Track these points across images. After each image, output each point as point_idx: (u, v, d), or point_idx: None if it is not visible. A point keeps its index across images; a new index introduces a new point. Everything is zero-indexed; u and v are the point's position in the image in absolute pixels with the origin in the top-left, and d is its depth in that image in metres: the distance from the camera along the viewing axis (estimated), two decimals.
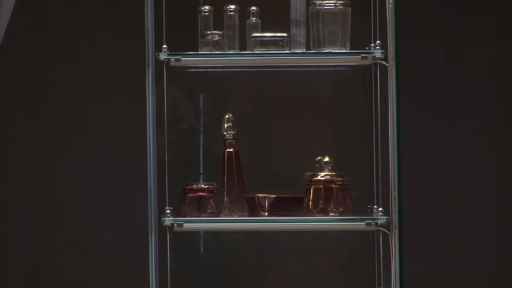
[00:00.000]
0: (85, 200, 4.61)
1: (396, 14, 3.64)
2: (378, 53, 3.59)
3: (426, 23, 4.50)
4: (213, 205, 3.68)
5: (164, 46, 3.62)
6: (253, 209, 3.73)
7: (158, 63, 3.59)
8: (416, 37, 4.37)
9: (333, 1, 3.74)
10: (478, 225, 4.59)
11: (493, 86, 4.60)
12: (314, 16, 3.69)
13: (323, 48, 3.68)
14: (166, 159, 3.72)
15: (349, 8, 3.71)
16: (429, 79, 4.55)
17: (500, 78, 4.48)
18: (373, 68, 3.75)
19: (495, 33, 4.50)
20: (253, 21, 3.77)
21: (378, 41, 3.62)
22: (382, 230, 3.57)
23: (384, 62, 3.59)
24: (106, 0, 4.54)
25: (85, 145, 4.61)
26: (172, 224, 3.59)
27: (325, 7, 3.68)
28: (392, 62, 3.59)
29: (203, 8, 3.80)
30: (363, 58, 3.64)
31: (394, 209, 3.54)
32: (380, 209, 3.59)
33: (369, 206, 3.71)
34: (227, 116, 3.72)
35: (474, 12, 4.53)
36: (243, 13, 3.80)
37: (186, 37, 4.02)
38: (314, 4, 3.69)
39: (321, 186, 3.64)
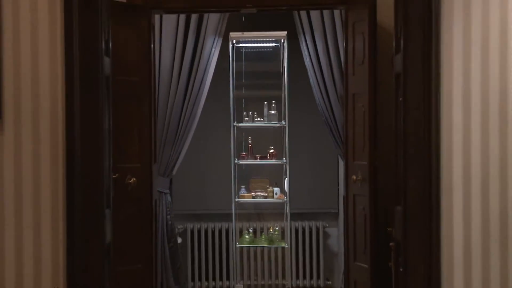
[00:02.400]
0: (218, 159, 6.46)
1: (288, 113, 5.84)
2: (283, 123, 5.96)
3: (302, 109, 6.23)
4: (246, 157, 6.07)
5: (235, 120, 5.95)
6: (256, 159, 6.13)
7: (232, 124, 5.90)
8: (294, 119, 6.09)
9: (273, 110, 6.01)
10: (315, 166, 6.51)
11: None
12: (268, 114, 5.97)
13: (272, 122, 5.99)
14: (236, 148, 6.01)
15: (276, 113, 5.92)
16: (298, 127, 6.29)
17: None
18: (283, 127, 6.01)
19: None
20: (255, 116, 6.04)
21: (284, 120, 5.91)
22: (285, 164, 5.99)
23: (286, 126, 5.93)
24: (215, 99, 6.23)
25: (212, 148, 6.53)
26: (237, 162, 5.97)
27: (272, 112, 5.99)
28: (286, 126, 5.88)
29: (244, 112, 6.06)
30: (280, 125, 6.00)
31: (284, 159, 5.92)
32: (284, 159, 6.00)
33: (282, 158, 6.03)
34: (249, 137, 6.16)
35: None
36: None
37: (240, 116, 6.03)
38: (270, 110, 5.87)
39: (271, 152, 6.09)
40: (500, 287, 2.82)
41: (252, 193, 6.37)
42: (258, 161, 6.36)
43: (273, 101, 6.27)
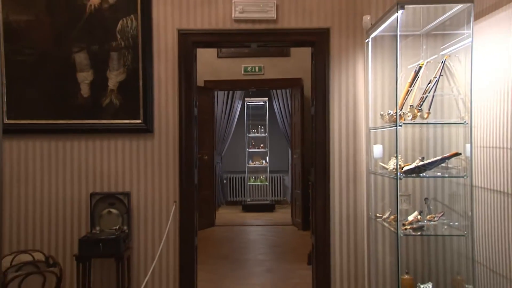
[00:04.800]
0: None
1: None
2: (266, 134, 5.48)
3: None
4: (252, 148, 5.81)
5: (247, 133, 5.61)
6: (256, 148, 5.98)
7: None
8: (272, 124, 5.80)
9: (262, 129, 5.50)
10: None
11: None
12: (260, 131, 5.54)
13: (262, 134, 5.52)
14: (247, 144, 5.81)
15: (263, 130, 5.43)
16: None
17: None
18: (266, 136, 5.65)
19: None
20: (255, 132, 5.69)
21: (266, 133, 5.43)
22: (267, 151, 5.58)
23: (267, 136, 5.45)
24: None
25: (238, 144, 6.05)
26: (248, 150, 5.61)
27: (262, 130, 5.46)
28: (267, 136, 5.40)
29: (250, 130, 5.59)
30: (265, 135, 5.66)
31: (267, 148, 5.57)
32: (267, 149, 5.79)
33: (266, 148, 5.83)
34: (252, 140, 5.98)
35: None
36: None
37: (249, 131, 5.65)
38: (261, 129, 5.39)
39: (261, 146, 5.89)
40: (353, 202, 2.67)
41: (254, 163, 6.17)
42: (256, 149, 6.13)
43: (262, 125, 6.12)
